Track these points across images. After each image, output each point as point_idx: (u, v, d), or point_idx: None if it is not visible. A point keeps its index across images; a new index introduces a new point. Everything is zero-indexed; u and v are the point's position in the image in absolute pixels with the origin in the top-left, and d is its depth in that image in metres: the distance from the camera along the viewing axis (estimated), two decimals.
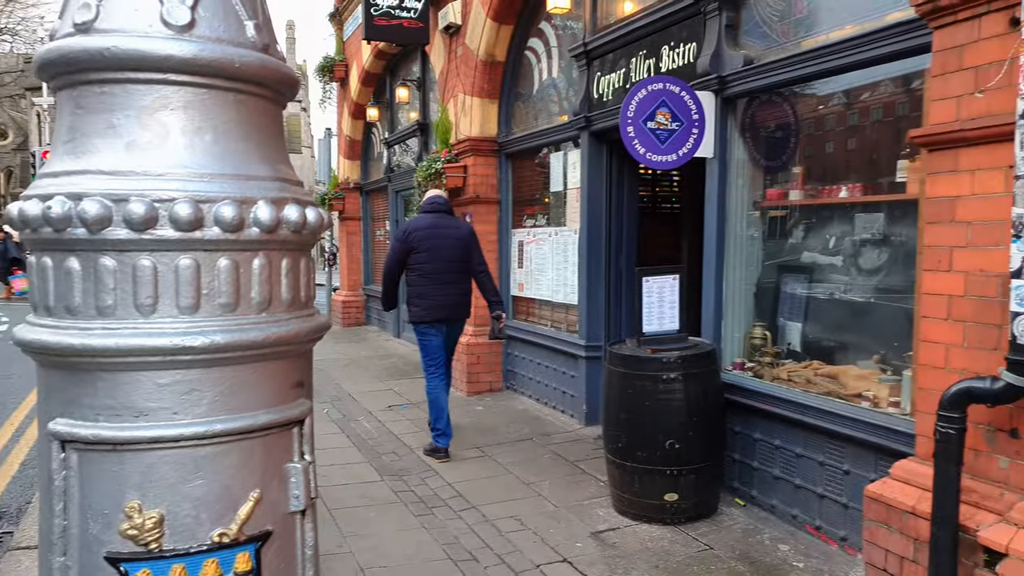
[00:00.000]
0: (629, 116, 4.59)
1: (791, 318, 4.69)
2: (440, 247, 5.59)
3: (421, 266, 5.56)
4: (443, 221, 5.71)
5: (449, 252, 5.61)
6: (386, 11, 7.92)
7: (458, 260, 5.66)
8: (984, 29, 2.84)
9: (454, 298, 5.65)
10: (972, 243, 2.90)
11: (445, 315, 5.61)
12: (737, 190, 4.81)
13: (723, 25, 4.67)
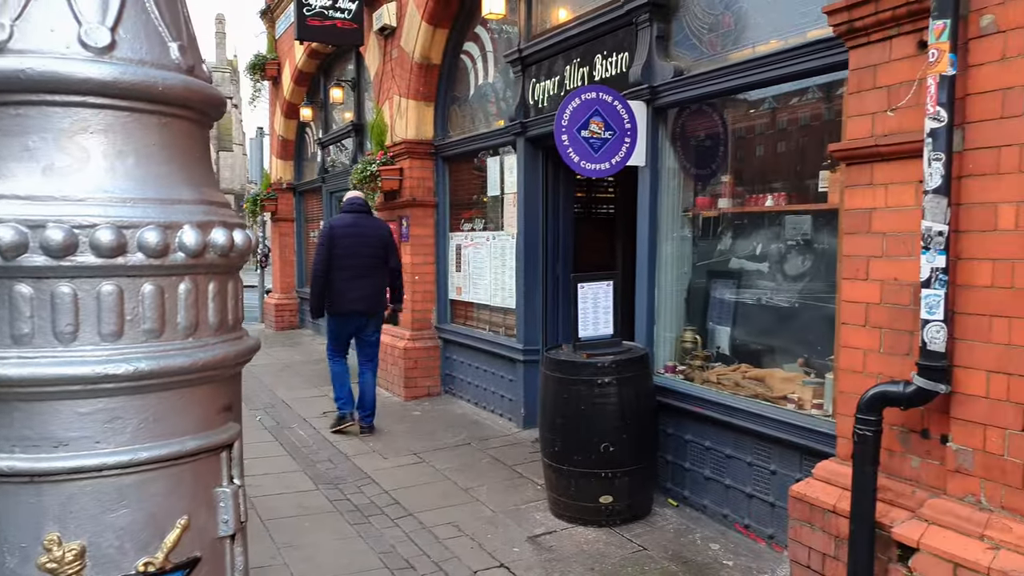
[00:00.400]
0: (563, 125, 4.65)
1: (720, 322, 4.83)
2: (359, 244, 6.05)
3: (339, 261, 5.99)
4: (362, 220, 6.23)
5: (367, 249, 6.08)
6: (319, 11, 7.81)
7: (375, 257, 6.14)
8: (895, 50, 2.99)
9: (369, 292, 6.12)
10: (887, 253, 3.04)
11: (362, 307, 6.08)
12: (668, 198, 4.92)
13: (654, 36, 4.78)
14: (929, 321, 2.73)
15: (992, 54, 2.62)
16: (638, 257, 4.98)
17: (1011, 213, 2.56)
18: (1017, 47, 2.54)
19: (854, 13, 3.07)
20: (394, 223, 8.17)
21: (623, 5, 4.94)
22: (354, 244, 6.04)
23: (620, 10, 4.99)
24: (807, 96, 4.12)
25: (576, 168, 4.71)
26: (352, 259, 6.00)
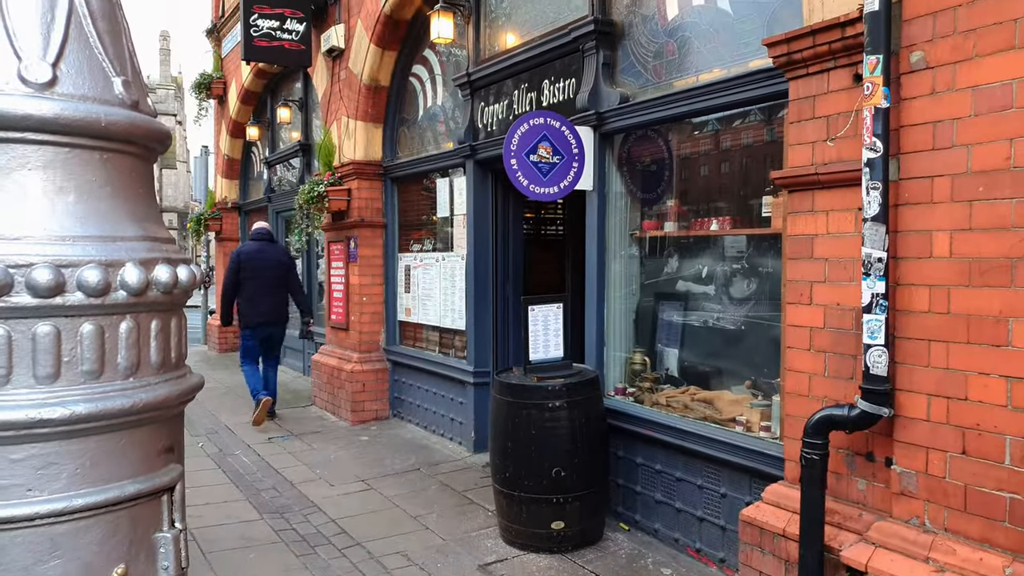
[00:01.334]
0: (512, 149, 4.68)
1: (669, 344, 4.89)
2: (262, 267, 7.40)
3: (247, 282, 7.34)
4: (266, 247, 7.60)
5: (269, 272, 7.43)
6: (266, 32, 7.72)
7: (277, 278, 7.49)
8: (832, 82, 3.09)
9: (271, 308, 7.47)
10: (829, 279, 3.13)
11: (264, 320, 7.41)
12: (616, 220, 4.98)
13: (600, 63, 4.85)
14: (871, 346, 2.81)
15: (922, 88, 2.73)
16: (587, 279, 5.02)
17: (945, 241, 2.66)
18: (945, 82, 2.66)
19: (792, 46, 3.18)
20: (342, 244, 8.09)
21: (569, 32, 5.02)
22: (260, 267, 7.37)
23: (567, 37, 5.06)
24: (750, 121, 4.23)
25: (525, 192, 4.74)
26: (258, 280, 7.34)
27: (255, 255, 7.39)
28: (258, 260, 7.36)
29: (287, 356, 11.28)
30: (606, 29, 4.81)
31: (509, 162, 4.66)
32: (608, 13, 4.86)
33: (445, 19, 6.12)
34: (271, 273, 7.39)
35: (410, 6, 6.98)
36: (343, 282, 8.09)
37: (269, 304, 7.39)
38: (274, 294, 7.41)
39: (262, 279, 7.31)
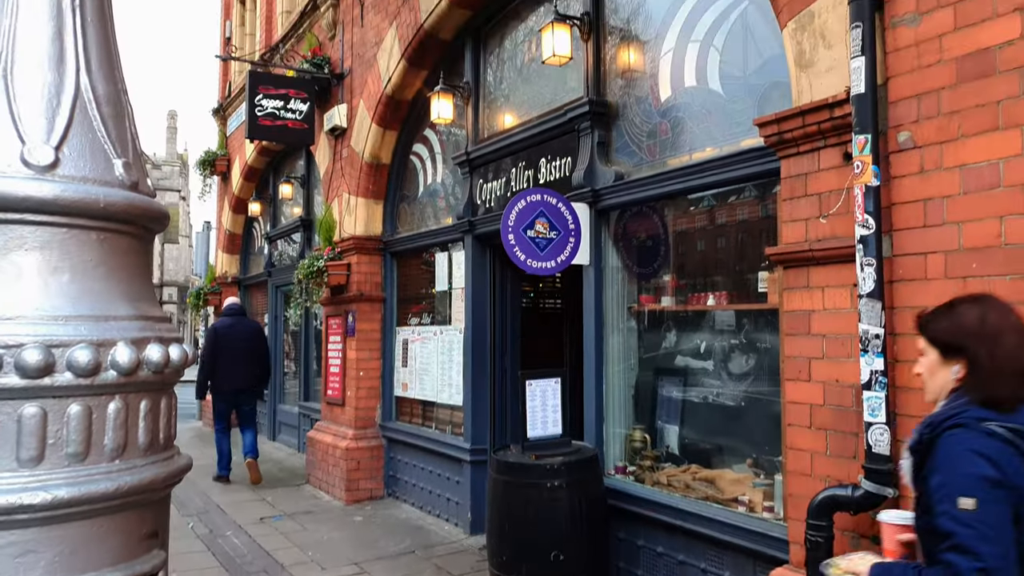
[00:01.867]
0: (510, 225, 4.73)
1: (669, 421, 4.84)
2: (236, 340, 8.13)
3: (221, 354, 8.04)
4: (239, 322, 8.38)
5: (242, 344, 8.16)
6: (270, 112, 7.93)
7: (248, 350, 8.21)
8: (823, 161, 3.15)
9: (243, 377, 8.16)
10: (827, 355, 3.11)
11: (235, 387, 8.13)
12: (613, 295, 5.00)
13: (595, 142, 4.96)
14: (872, 424, 2.78)
15: (911, 167, 2.79)
16: (585, 354, 5.00)
17: None
18: (933, 161, 2.72)
19: (783, 126, 3.26)
20: (340, 318, 8.09)
21: (565, 113, 5.15)
22: (233, 340, 8.13)
23: (563, 117, 5.19)
24: (745, 197, 4.30)
25: (522, 266, 4.77)
26: (232, 351, 8.06)
27: (229, 330, 8.21)
28: (232, 334, 8.18)
29: (282, 432, 11.16)
30: (600, 110, 4.94)
31: (507, 237, 4.71)
32: (602, 94, 5.00)
33: (445, 100, 6.29)
34: (244, 345, 8.19)
35: (411, 88, 7.18)
36: (340, 357, 8.06)
37: (241, 373, 8.12)
38: (246, 364, 8.17)
39: (236, 351, 8.09)
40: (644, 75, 4.76)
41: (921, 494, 1.78)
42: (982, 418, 1.72)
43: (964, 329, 1.84)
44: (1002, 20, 2.52)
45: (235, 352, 8.05)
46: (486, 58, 6.47)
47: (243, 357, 8.11)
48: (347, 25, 8.14)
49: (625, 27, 4.92)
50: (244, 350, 8.12)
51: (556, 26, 4.86)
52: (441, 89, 6.27)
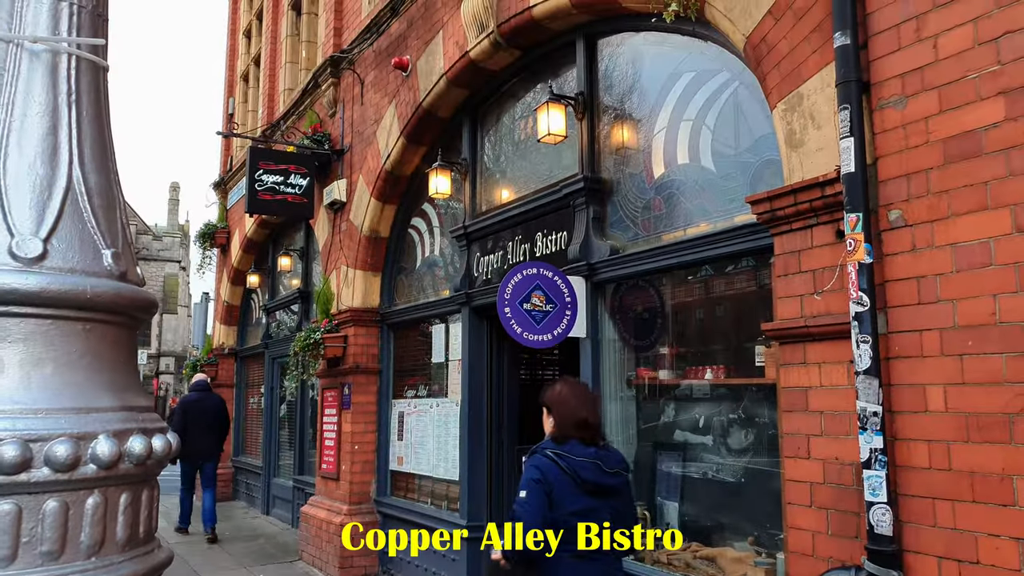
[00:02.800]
0: (506, 298, 4.74)
1: (668, 497, 4.74)
2: (203, 413, 9.45)
3: (190, 424, 9.20)
4: (204, 397, 9.67)
5: (205, 417, 9.46)
6: (270, 186, 8.05)
7: (210, 422, 9.50)
8: (816, 238, 3.18)
9: (206, 445, 9.41)
10: (826, 432, 3.07)
11: (205, 453, 9.38)
12: (611, 368, 4.97)
13: (590, 217, 5.02)
14: (874, 503, 2.72)
15: (903, 245, 2.81)
16: None
17: (939, 395, 2.64)
18: (925, 239, 2.74)
19: (775, 204, 3.30)
20: (335, 390, 8.02)
21: (561, 189, 5.22)
22: (199, 413, 9.41)
23: (558, 193, 5.26)
24: (741, 269, 4.31)
25: (519, 339, 4.75)
26: (198, 423, 9.31)
27: (196, 403, 9.53)
28: (199, 407, 9.48)
29: (276, 506, 10.93)
30: (595, 186, 5.01)
31: (503, 310, 4.71)
32: (597, 171, 5.08)
33: (443, 176, 6.40)
34: (207, 418, 9.48)
35: (410, 163, 7.31)
36: (335, 430, 7.96)
37: (205, 442, 9.36)
38: (209, 434, 9.44)
39: (202, 422, 9.35)
40: (638, 152, 4.85)
41: None
42: (547, 448, 3.06)
43: (551, 397, 3.25)
44: (986, 103, 2.58)
45: (201, 423, 9.31)
46: (483, 135, 6.61)
47: (208, 428, 9.43)
48: (347, 103, 8.35)
49: (619, 106, 5.04)
50: (208, 422, 9.46)
51: (551, 106, 4.98)
52: (439, 165, 6.38)
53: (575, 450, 3.01)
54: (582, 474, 2.95)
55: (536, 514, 2.87)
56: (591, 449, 3.05)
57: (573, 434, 3.06)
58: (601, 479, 2.98)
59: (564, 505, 2.91)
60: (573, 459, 2.98)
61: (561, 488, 2.92)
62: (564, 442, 3.04)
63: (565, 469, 2.95)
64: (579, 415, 3.09)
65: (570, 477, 2.94)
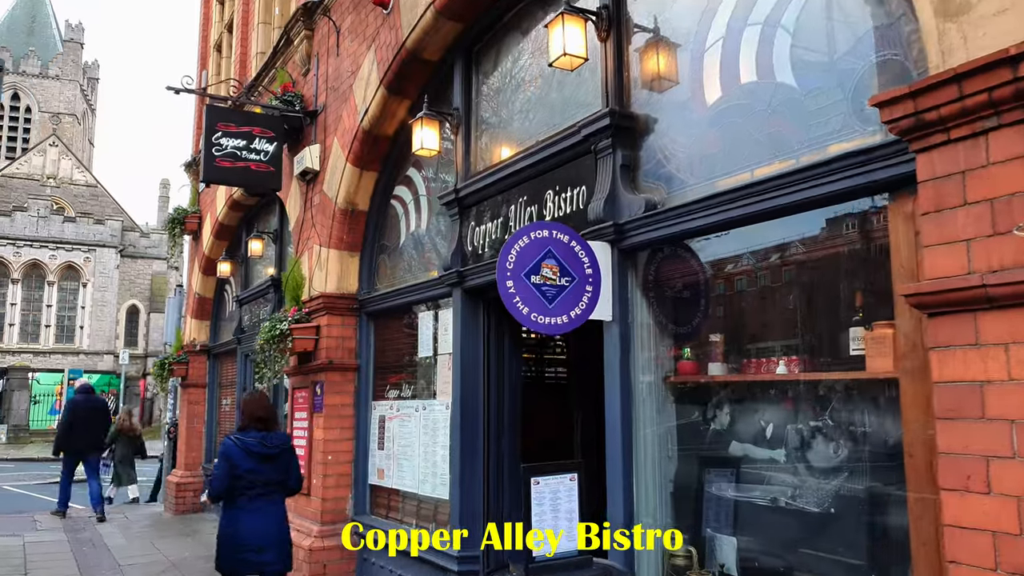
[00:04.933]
0: (508, 268, 3.60)
1: (721, 529, 3.61)
2: (86, 413, 10.50)
3: (74, 423, 10.38)
4: (89, 398, 10.88)
5: (88, 414, 10.53)
6: (230, 152, 6.89)
7: (91, 420, 10.54)
8: (997, 148, 2.05)
9: (89, 441, 10.44)
10: (1021, 453, 1.93)
11: (81, 448, 10.39)
12: (644, 362, 3.83)
13: (618, 165, 3.88)
14: None
15: None
16: (608, 439, 3.80)
17: None
18: None
19: (922, 102, 2.16)
20: (306, 390, 6.87)
21: (579, 131, 4.08)
22: (84, 413, 10.51)
23: (575, 136, 4.12)
24: (830, 228, 3.18)
25: (526, 322, 3.61)
26: (82, 422, 10.41)
27: (82, 404, 10.67)
28: (84, 408, 10.61)
29: None
30: (625, 123, 3.88)
31: (504, 284, 3.57)
32: (626, 105, 3.95)
33: (429, 128, 5.25)
34: (89, 415, 10.59)
35: (391, 119, 6.17)
36: (306, 436, 6.80)
37: (87, 438, 10.46)
38: (90, 431, 10.52)
39: (84, 421, 10.47)
40: (683, 75, 3.72)
41: None
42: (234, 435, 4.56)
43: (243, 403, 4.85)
44: None
45: (84, 423, 10.44)
46: (479, 80, 5.47)
47: (89, 427, 10.49)
48: (322, 56, 7.20)
49: (654, 17, 3.90)
50: (91, 421, 10.56)
51: (568, 19, 3.84)
52: (425, 115, 5.23)
53: (251, 435, 4.53)
54: (252, 449, 4.47)
55: (224, 478, 4.42)
56: (261, 434, 4.56)
57: (252, 425, 4.59)
58: (263, 451, 4.51)
59: (241, 467, 4.43)
60: (247, 440, 4.50)
61: (239, 458, 4.44)
62: (246, 430, 4.57)
63: (241, 447, 4.46)
64: (257, 414, 4.64)
65: (244, 451, 4.46)
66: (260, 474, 4.47)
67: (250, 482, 4.43)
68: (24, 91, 54.06)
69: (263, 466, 4.49)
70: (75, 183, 47.65)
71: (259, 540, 4.42)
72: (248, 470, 4.42)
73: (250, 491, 4.43)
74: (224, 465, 4.43)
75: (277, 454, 4.57)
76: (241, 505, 4.42)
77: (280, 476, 4.60)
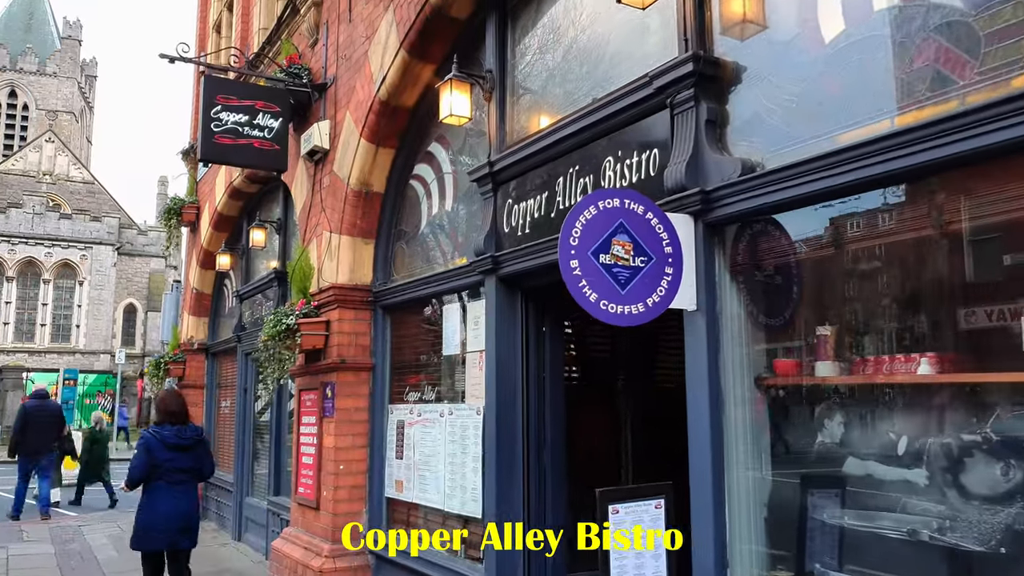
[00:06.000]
0: (572, 244, 2.93)
1: (833, 565, 2.93)
2: (40, 417, 10.99)
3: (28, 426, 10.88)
4: (42, 403, 11.28)
5: (43, 418, 11.03)
6: (231, 127, 6.21)
7: (48, 424, 11.07)
8: None
9: (41, 444, 10.93)
10: None
11: (35, 451, 10.89)
12: (735, 360, 3.15)
13: (701, 121, 3.21)
14: None
15: None
16: (692, 454, 3.12)
17: None
18: None
19: None
20: (315, 392, 6.20)
21: (650, 82, 3.40)
22: (38, 417, 10.94)
23: (645, 89, 3.44)
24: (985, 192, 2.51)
25: (595, 312, 2.94)
26: (36, 425, 10.85)
27: (35, 409, 11.09)
28: (37, 413, 11.06)
29: (249, 530, 9.09)
30: (710, 71, 3.20)
31: (568, 265, 2.90)
32: (710, 51, 3.27)
33: (460, 93, 4.58)
34: (45, 421, 11.08)
35: (412, 88, 5.50)
36: (315, 444, 6.13)
37: (40, 441, 10.94)
38: (44, 435, 11.02)
39: (38, 425, 10.95)
40: (786, 10, 3.04)
41: None
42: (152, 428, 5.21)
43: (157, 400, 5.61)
44: None
45: (38, 427, 10.93)
46: (515, 38, 4.79)
47: (43, 431, 10.98)
48: (332, 24, 6.53)
49: None
50: (43, 425, 11.01)
51: None
52: (455, 77, 4.56)
53: (167, 428, 5.19)
54: (168, 441, 5.13)
55: (143, 467, 5.09)
56: (176, 428, 5.21)
57: (167, 420, 5.25)
58: (179, 443, 5.17)
59: (158, 457, 5.09)
60: (164, 433, 5.16)
61: (157, 449, 5.10)
62: (162, 424, 5.24)
63: (159, 439, 5.13)
64: (171, 409, 5.31)
65: (161, 443, 5.12)
66: (176, 463, 5.13)
67: (167, 470, 5.09)
68: (21, 88, 53.39)
69: (179, 456, 5.15)
70: (71, 180, 46.96)
71: (174, 521, 5.12)
72: (165, 460, 5.08)
73: (167, 478, 5.09)
74: (143, 456, 5.09)
75: (191, 445, 5.24)
76: (159, 490, 5.09)
77: (194, 465, 5.27)
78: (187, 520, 5.18)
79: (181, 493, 5.14)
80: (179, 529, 5.12)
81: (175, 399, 5.40)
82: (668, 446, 5.33)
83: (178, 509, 5.10)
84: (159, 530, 5.06)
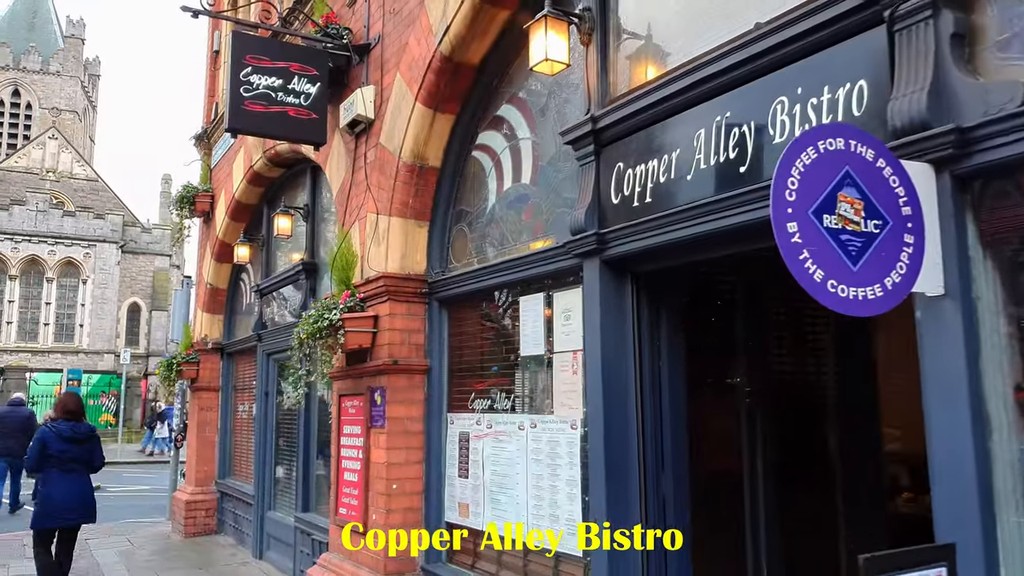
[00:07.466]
0: (789, 199, 2.07)
1: None
2: (12, 422, 12.17)
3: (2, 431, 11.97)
4: (16, 409, 12.70)
5: (16, 424, 12.11)
6: (263, 92, 5.34)
7: (18, 430, 11.90)
8: None
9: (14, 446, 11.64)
10: None
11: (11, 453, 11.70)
12: (996, 361, 2.28)
13: (946, 34, 2.34)
14: None
15: None
16: (941, 499, 2.25)
17: None
18: None
19: None
20: (360, 398, 5.34)
21: None
22: (10, 422, 12.13)
23: (847, 1, 2.57)
24: None
25: (822, 297, 2.08)
26: (7, 430, 11.92)
27: (8, 414, 12.35)
28: (10, 418, 12.21)
29: (271, 548, 8.23)
30: None
31: (784, 228, 2.04)
32: None
33: (555, 33, 3.71)
34: (17, 425, 11.96)
35: (481, 39, 4.64)
36: (360, 458, 5.28)
37: (11, 444, 11.68)
38: (17, 439, 11.58)
39: (10, 429, 11.87)
40: None
41: None
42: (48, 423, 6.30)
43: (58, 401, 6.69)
44: None
45: (10, 431, 11.85)
46: None
47: (16, 434, 11.76)
48: None
49: None
50: (16, 429, 11.86)
51: None
52: (549, 13, 3.69)
53: (62, 423, 6.09)
54: (63, 434, 6.02)
55: (38, 457, 6.00)
56: (71, 423, 6.12)
57: (63, 416, 6.15)
58: (72, 436, 6.06)
59: (52, 448, 5.97)
60: (59, 427, 6.06)
61: (51, 440, 6.00)
62: (57, 420, 6.15)
63: (54, 432, 6.02)
64: (69, 407, 6.25)
65: (56, 435, 6.01)
66: (68, 453, 6.05)
67: (60, 459, 6.02)
68: (25, 87, 52.60)
69: (72, 447, 6.07)
70: (75, 177, 46.11)
71: (68, 502, 6.05)
72: (59, 450, 6.00)
73: (61, 467, 6.02)
74: (38, 447, 6.06)
75: (83, 439, 6.18)
76: (55, 476, 6.03)
77: (85, 456, 6.20)
78: (78, 502, 6.11)
79: (73, 480, 6.08)
80: (74, 509, 6.09)
81: (73, 399, 6.52)
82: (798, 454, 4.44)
83: (71, 492, 6.05)
84: (58, 510, 6.02)
